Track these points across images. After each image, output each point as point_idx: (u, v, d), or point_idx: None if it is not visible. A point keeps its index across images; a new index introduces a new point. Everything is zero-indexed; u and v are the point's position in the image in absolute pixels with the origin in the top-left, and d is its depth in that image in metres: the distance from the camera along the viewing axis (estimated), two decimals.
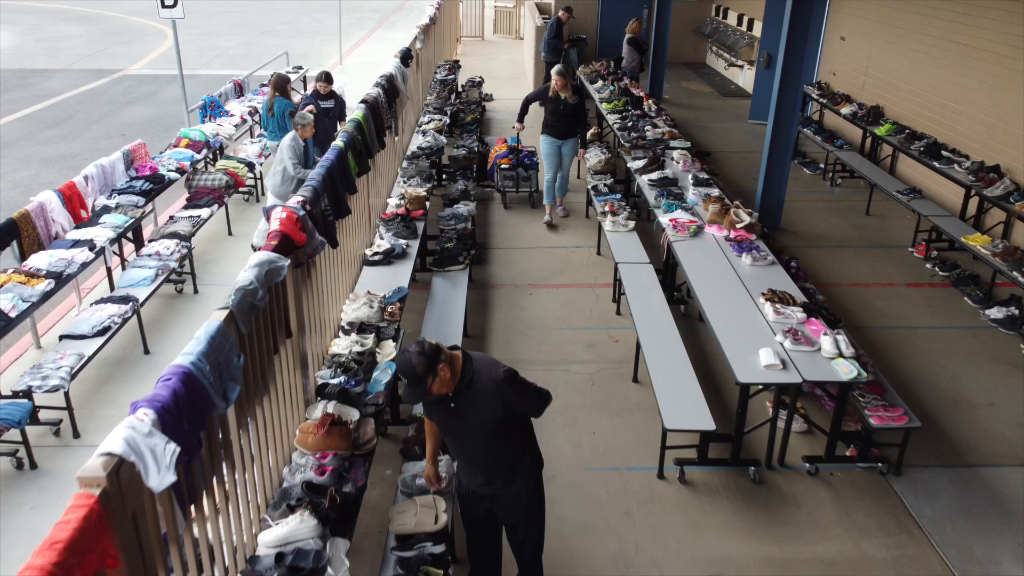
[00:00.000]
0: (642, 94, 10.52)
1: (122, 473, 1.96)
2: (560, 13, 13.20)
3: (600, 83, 11.36)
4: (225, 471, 2.82)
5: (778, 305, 4.97)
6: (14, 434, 4.54)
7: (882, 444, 4.77)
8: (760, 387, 4.64)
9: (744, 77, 15.02)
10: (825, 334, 4.61)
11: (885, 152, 9.84)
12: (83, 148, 11.51)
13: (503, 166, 8.99)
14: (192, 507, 2.46)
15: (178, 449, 2.08)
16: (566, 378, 5.63)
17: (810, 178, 10.16)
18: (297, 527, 3.04)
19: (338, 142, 4.77)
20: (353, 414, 3.81)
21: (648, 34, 13.80)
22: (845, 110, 10.21)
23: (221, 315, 2.70)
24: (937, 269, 7.34)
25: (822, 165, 10.18)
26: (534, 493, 3.33)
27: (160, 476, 2.02)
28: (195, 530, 2.54)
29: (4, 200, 9.29)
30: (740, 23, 15.57)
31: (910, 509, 4.42)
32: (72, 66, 17.78)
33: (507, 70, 17.29)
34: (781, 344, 4.62)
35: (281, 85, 7.99)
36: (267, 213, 3.56)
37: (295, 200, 3.64)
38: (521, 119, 8.36)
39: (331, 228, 4.11)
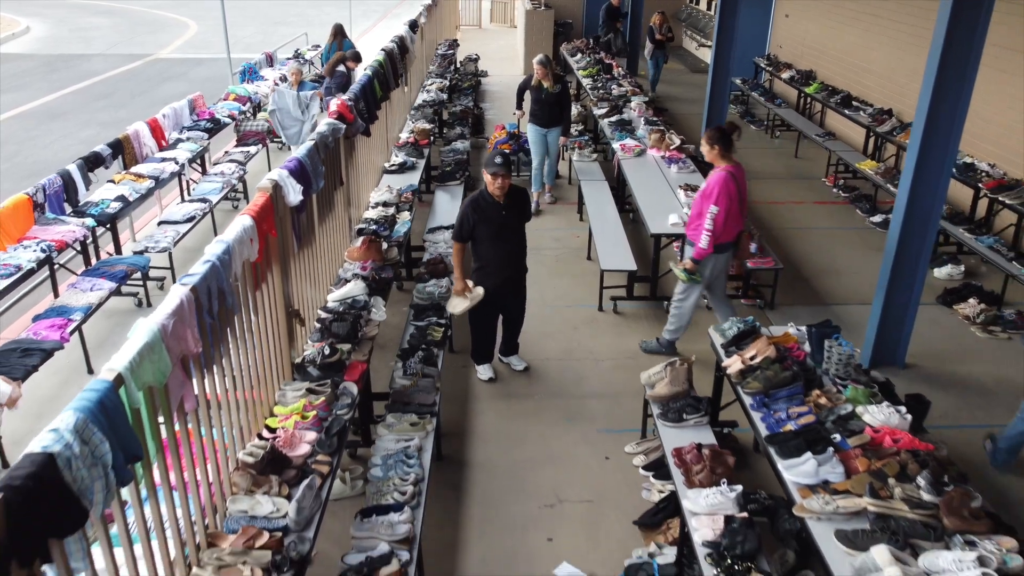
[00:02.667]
0: (613, 63, 12.34)
1: (276, 191, 3.78)
2: None
3: (579, 56, 13.18)
4: (309, 247, 4.62)
5: (689, 191, 6.77)
6: (133, 286, 6.36)
7: (761, 286, 6.58)
8: (669, 239, 6.46)
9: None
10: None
11: (817, 108, 11.65)
12: (132, 115, 13.27)
13: (504, 151, 10.17)
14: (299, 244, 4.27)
15: (302, 187, 3.89)
16: (537, 257, 7.39)
17: (755, 133, 11.97)
18: (353, 287, 4.86)
19: (367, 72, 6.60)
20: (384, 243, 5.62)
21: (639, 16, 15.28)
22: (785, 75, 12.02)
23: (310, 143, 4.52)
24: (840, 192, 9.15)
25: (765, 122, 12.00)
26: (525, 287, 5.41)
27: (294, 196, 3.83)
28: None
29: (75, 153, 11.08)
30: (710, 8, 17.37)
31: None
32: (107, 51, 19.62)
33: (502, 53, 19.10)
34: (687, 213, 6.43)
35: (342, 30, 9.89)
36: (328, 104, 5.37)
37: (347, 95, 5.46)
38: (519, 106, 8.79)
39: (366, 123, 5.93)
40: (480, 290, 5.19)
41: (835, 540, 3.07)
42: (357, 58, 9.66)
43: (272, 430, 3.62)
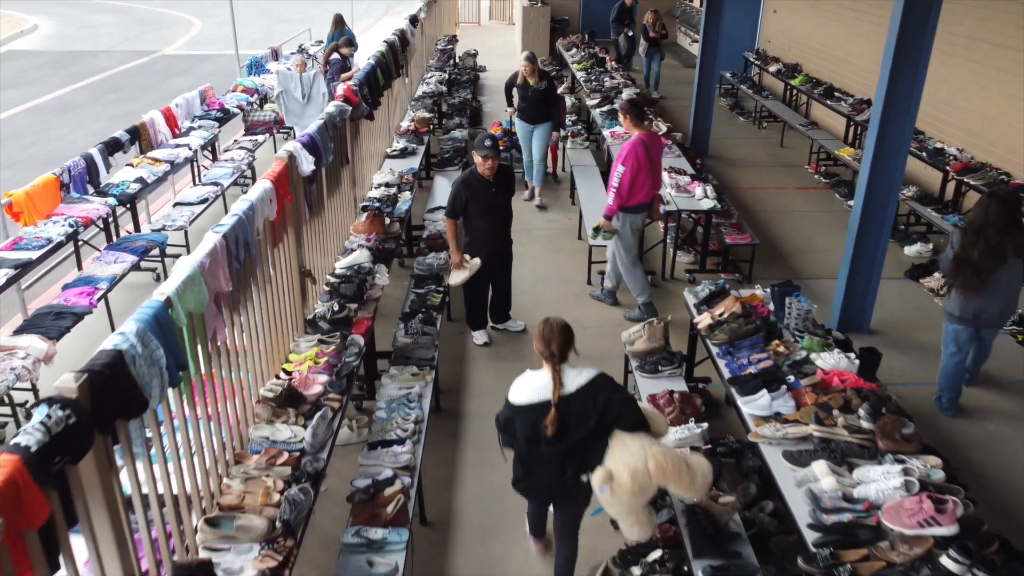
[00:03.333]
0: (606, 56, 12.79)
1: (292, 160, 4.22)
2: None
3: (574, 50, 13.63)
4: (320, 217, 5.06)
5: (673, 173, 7.21)
6: (151, 262, 6.80)
7: (739, 261, 7.02)
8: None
9: None
10: (698, 186, 6.85)
11: (802, 100, 12.08)
12: (141, 108, 13.59)
13: (493, 135, 10.51)
14: (310, 212, 4.71)
15: (314, 159, 4.33)
16: (531, 237, 7.87)
17: (744, 124, 12.42)
18: (359, 256, 5.30)
19: (370, 60, 7.05)
20: (387, 218, 6.07)
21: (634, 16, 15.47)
22: (772, 68, 12.46)
23: (320, 122, 4.96)
24: (821, 178, 9.59)
25: (753, 113, 12.44)
26: (511, 258, 5.86)
27: (307, 166, 4.27)
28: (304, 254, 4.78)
29: (89, 143, 11.52)
30: (703, 5, 17.80)
31: None
32: (114, 48, 20.08)
33: (500, 49, 19.55)
34: (670, 192, 6.87)
35: (341, 19, 10.40)
36: (333, 90, 5.81)
37: (353, 81, 5.90)
38: (510, 103, 8.77)
39: (370, 108, 6.37)
40: (476, 261, 5.62)
41: (783, 459, 3.51)
42: (349, 44, 10.09)
43: (288, 373, 4.06)
